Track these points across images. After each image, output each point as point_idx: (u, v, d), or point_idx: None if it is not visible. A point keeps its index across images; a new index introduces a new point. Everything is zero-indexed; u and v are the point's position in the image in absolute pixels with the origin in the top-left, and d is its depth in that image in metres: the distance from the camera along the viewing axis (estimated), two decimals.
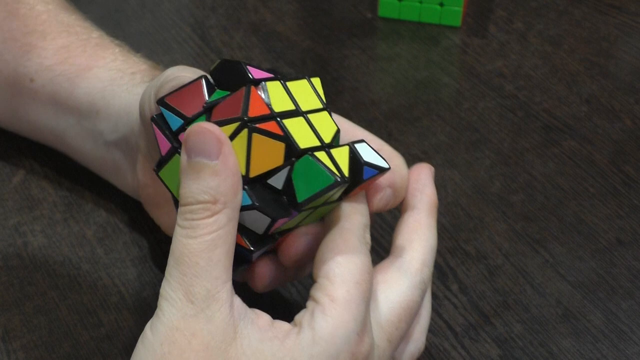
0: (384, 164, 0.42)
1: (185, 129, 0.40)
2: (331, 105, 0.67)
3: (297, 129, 0.40)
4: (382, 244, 0.56)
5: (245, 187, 0.40)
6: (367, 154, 0.42)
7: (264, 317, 0.40)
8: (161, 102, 0.42)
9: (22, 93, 0.57)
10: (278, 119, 0.40)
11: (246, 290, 0.44)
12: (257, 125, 0.39)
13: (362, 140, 0.42)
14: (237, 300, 0.39)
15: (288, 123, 0.40)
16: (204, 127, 0.39)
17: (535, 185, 0.61)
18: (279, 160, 0.40)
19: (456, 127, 0.66)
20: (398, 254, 0.44)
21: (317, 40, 0.74)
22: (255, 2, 0.78)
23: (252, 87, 0.40)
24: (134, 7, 0.77)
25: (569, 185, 0.61)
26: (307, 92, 0.43)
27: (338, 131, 0.42)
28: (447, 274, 0.55)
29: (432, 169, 0.47)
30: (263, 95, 0.41)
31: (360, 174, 0.41)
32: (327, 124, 0.42)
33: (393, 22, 0.76)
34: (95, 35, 0.58)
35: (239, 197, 0.39)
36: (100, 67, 0.56)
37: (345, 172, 0.41)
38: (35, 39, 0.57)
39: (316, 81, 0.44)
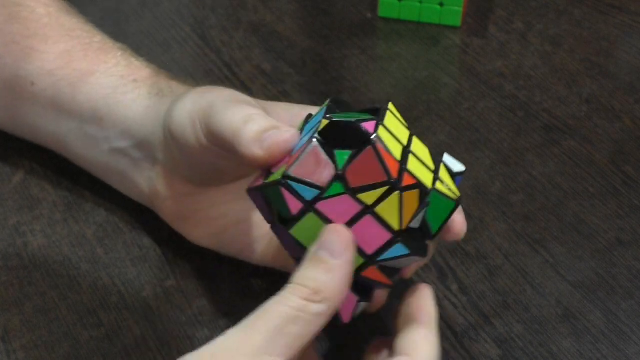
0: (462, 167, 0.46)
1: (322, 197, 0.42)
2: None
3: (416, 169, 0.43)
4: None
5: (399, 238, 0.43)
6: (453, 164, 0.46)
7: None
8: (289, 178, 0.42)
9: (23, 97, 0.57)
10: (407, 169, 0.42)
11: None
12: (403, 184, 0.42)
13: (443, 152, 0.46)
14: None
15: (411, 168, 0.43)
16: (338, 230, 0.42)
17: (535, 185, 0.61)
18: (416, 204, 0.42)
19: (456, 127, 0.66)
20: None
21: (317, 40, 0.74)
22: (255, 2, 0.78)
23: (379, 146, 0.42)
24: (134, 7, 0.77)
25: (569, 185, 0.61)
26: (396, 123, 0.45)
27: (429, 152, 0.46)
28: (447, 274, 0.55)
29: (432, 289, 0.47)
30: (384, 149, 0.42)
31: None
32: (422, 149, 0.45)
33: (393, 22, 0.76)
34: (97, 39, 0.58)
35: (339, 299, 0.41)
36: (102, 73, 0.55)
37: (455, 189, 0.44)
38: (36, 42, 0.57)
39: (391, 106, 0.45)
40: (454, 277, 0.55)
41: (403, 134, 0.45)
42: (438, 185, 0.43)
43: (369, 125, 0.42)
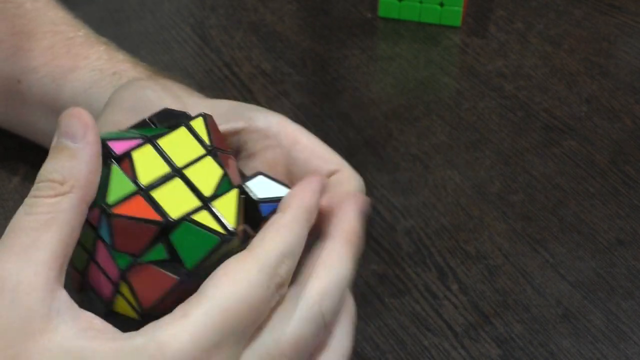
0: (283, 194, 0.40)
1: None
2: (331, 105, 0.67)
3: (170, 195, 0.39)
4: (382, 244, 0.56)
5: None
6: (262, 188, 0.41)
7: (93, 319, 0.36)
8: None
9: (12, 95, 0.57)
10: (144, 193, 0.39)
11: None
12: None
13: (258, 173, 0.41)
14: (63, 295, 0.36)
15: (159, 193, 0.39)
16: (74, 110, 0.38)
17: (535, 185, 0.61)
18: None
19: (456, 127, 0.66)
20: (297, 283, 0.39)
21: (317, 40, 0.74)
22: (255, 2, 0.78)
23: (115, 209, 0.38)
24: (134, 7, 0.77)
25: (569, 185, 0.61)
26: (185, 141, 0.41)
27: (224, 175, 0.41)
28: (447, 274, 0.55)
29: (365, 201, 0.43)
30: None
31: (259, 212, 0.40)
32: (209, 172, 0.40)
33: (393, 22, 0.76)
34: (81, 34, 0.57)
35: (92, 190, 0.38)
36: (82, 68, 0.55)
37: (232, 222, 0.39)
38: (21, 40, 0.56)
39: (198, 123, 0.42)
40: (454, 277, 0.55)
41: (186, 154, 0.41)
42: (199, 215, 0.38)
43: (122, 145, 0.40)
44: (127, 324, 0.37)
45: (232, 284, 0.36)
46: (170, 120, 0.42)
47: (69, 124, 0.38)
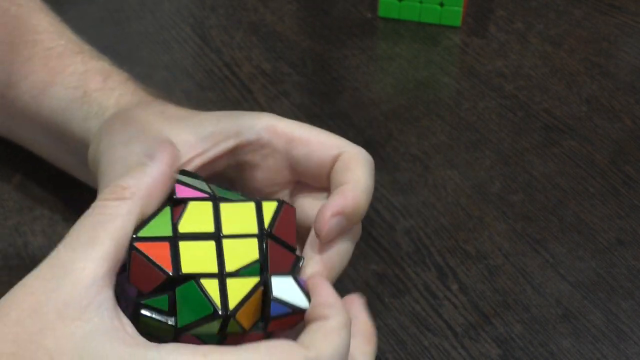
0: (301, 304, 0.40)
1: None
2: (331, 105, 0.68)
3: (195, 253, 0.40)
4: (382, 244, 0.56)
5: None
6: (284, 289, 0.40)
7: (127, 325, 0.38)
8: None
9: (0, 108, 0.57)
10: (173, 241, 0.40)
11: None
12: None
13: (290, 274, 0.41)
14: (108, 294, 0.38)
15: (187, 246, 0.40)
16: (161, 139, 0.42)
17: (535, 185, 0.61)
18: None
19: (456, 127, 0.66)
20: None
21: (317, 40, 0.74)
22: (255, 2, 0.78)
23: (139, 244, 0.40)
24: (134, 7, 0.77)
25: (569, 185, 0.61)
26: (247, 215, 0.41)
27: (258, 261, 0.41)
28: (447, 274, 0.55)
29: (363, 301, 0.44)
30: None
31: (269, 309, 0.40)
32: (247, 252, 0.41)
33: (393, 22, 0.76)
34: (62, 42, 0.56)
35: (151, 203, 0.40)
36: (58, 84, 0.54)
37: (233, 304, 0.39)
38: (2, 51, 0.55)
39: (269, 206, 0.42)
40: (454, 277, 0.55)
41: (239, 227, 0.41)
42: (208, 282, 0.39)
43: (185, 192, 0.42)
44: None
45: None
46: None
47: (150, 149, 0.41)
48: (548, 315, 0.53)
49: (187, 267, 0.39)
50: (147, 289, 0.40)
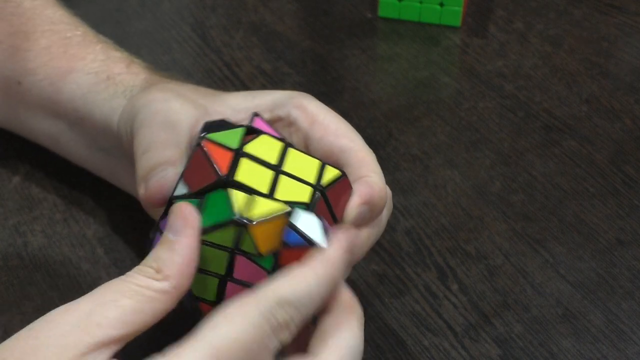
0: (317, 240, 0.40)
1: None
2: (331, 105, 0.67)
3: (252, 171, 0.41)
4: (382, 244, 0.56)
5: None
6: (306, 223, 0.41)
7: None
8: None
9: (13, 96, 0.57)
10: (238, 153, 0.41)
11: None
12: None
13: (320, 217, 0.41)
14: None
15: (247, 163, 0.41)
16: (178, 206, 0.40)
17: (535, 185, 0.61)
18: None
19: (456, 127, 0.66)
20: (309, 356, 0.39)
21: (317, 40, 0.74)
22: (255, 2, 0.78)
23: (206, 143, 0.41)
24: (134, 7, 0.77)
25: (569, 185, 0.61)
26: (309, 168, 0.43)
27: (304, 204, 0.41)
28: (447, 274, 0.55)
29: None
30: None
31: (286, 236, 0.41)
32: (298, 193, 0.42)
33: (393, 22, 0.76)
34: (79, 32, 0.57)
35: (186, 280, 0.39)
36: (78, 71, 0.55)
37: (255, 215, 0.40)
38: (19, 40, 0.56)
39: (331, 172, 0.43)
40: (454, 277, 0.55)
41: (297, 171, 0.42)
42: (243, 195, 0.41)
43: (268, 129, 0.43)
44: None
45: (227, 324, 0.37)
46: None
47: (173, 219, 0.40)
48: (548, 315, 0.53)
49: (240, 178, 0.41)
50: (194, 189, 0.41)
